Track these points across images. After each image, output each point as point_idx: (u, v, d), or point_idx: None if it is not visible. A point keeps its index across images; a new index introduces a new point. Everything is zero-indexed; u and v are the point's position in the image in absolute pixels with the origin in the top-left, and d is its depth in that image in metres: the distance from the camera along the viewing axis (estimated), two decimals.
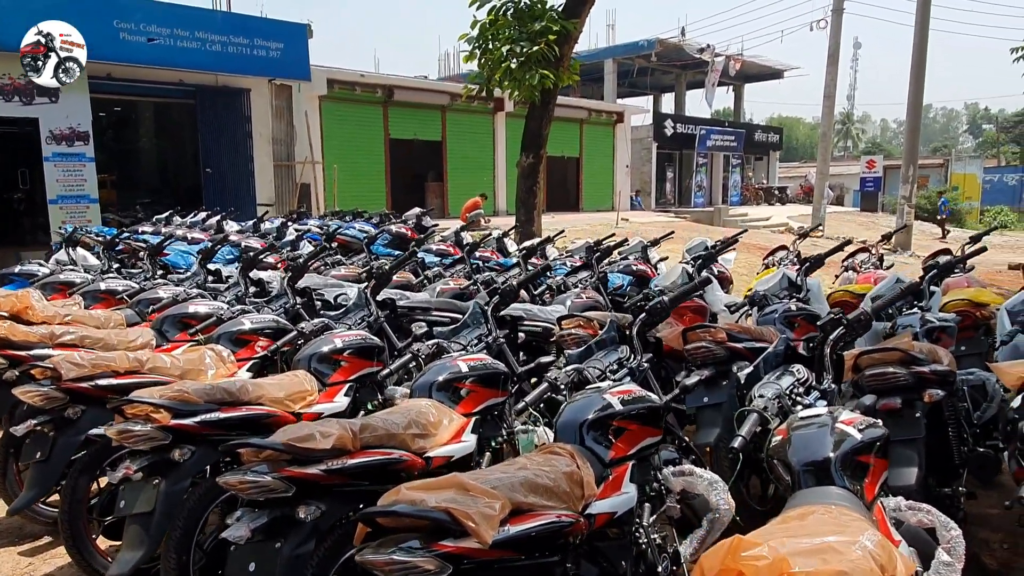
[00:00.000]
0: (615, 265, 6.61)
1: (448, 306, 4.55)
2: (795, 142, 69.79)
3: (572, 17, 10.12)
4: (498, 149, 20.64)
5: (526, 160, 10.74)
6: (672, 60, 28.87)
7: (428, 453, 2.52)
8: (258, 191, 14.44)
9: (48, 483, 3.04)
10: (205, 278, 5.41)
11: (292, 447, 2.13)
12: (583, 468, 2.16)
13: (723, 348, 3.49)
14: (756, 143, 32.50)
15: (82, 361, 3.06)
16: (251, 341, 3.74)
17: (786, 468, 2.13)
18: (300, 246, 7.72)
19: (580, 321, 3.85)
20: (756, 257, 13.32)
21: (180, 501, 2.52)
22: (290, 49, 13.71)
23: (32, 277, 5.78)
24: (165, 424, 2.55)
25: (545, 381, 2.67)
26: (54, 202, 11.36)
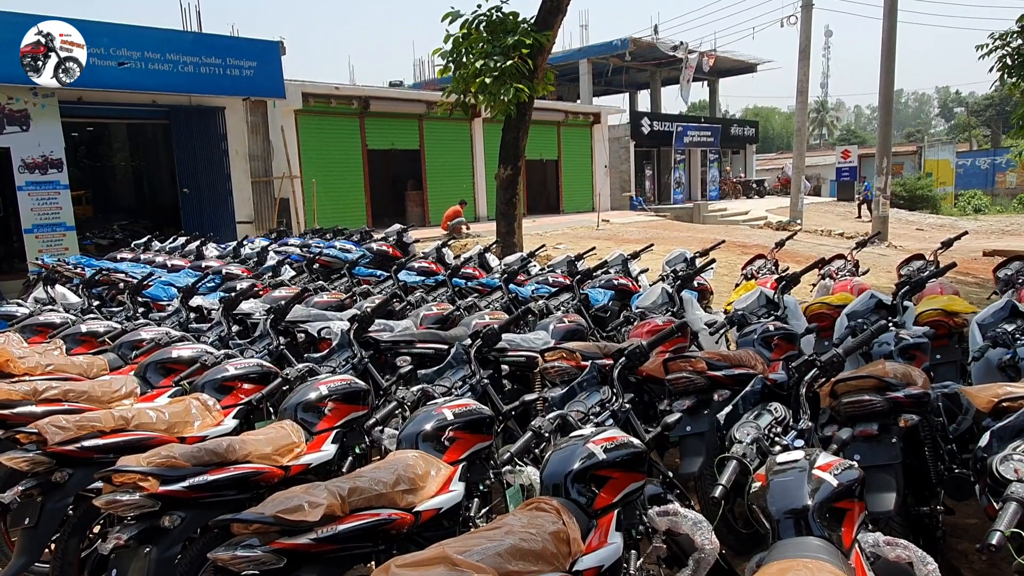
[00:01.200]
0: (596, 280, 6.67)
1: (431, 337, 4.58)
2: (771, 132, 70.40)
3: (544, 29, 10.17)
4: (476, 155, 20.68)
5: (504, 172, 10.78)
6: (646, 58, 29.05)
7: (417, 507, 2.55)
8: (237, 208, 14.37)
9: (39, 549, 3.04)
10: (187, 317, 5.40)
11: (281, 519, 2.15)
12: (569, 524, 2.20)
13: (703, 377, 3.56)
14: (732, 137, 32.77)
15: (67, 424, 3.05)
16: (236, 387, 3.75)
17: (766, 516, 2.19)
18: (282, 271, 7.72)
19: (563, 353, 3.89)
20: (736, 256, 13.46)
21: (171, 569, 2.53)
22: (263, 67, 13.65)
23: (12, 319, 5.74)
24: (154, 492, 2.56)
25: (530, 429, 2.71)
26: (29, 231, 11.26)
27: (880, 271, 11.43)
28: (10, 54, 10.62)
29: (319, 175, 16.24)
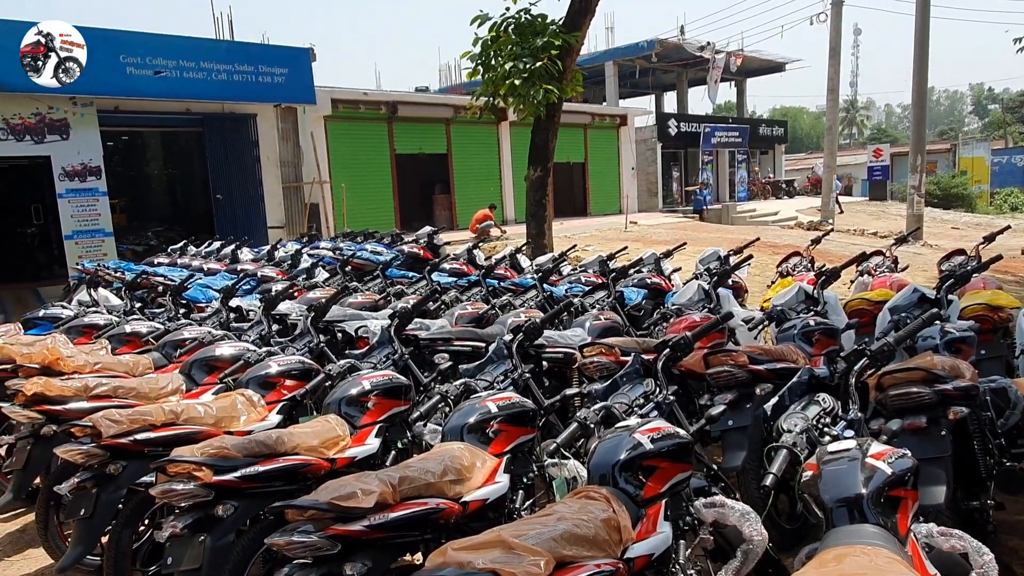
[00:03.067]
0: (629, 279, 6.65)
1: (469, 335, 4.61)
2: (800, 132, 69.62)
3: (573, 30, 10.18)
4: (503, 159, 20.73)
5: (534, 174, 10.80)
6: (673, 59, 28.90)
7: (465, 498, 2.57)
8: (268, 214, 14.57)
9: (94, 539, 3.12)
10: (228, 317, 5.49)
11: (336, 506, 2.19)
12: (619, 512, 2.21)
13: (745, 371, 3.53)
14: (761, 137, 32.46)
15: (120, 417, 3.13)
16: (279, 384, 3.81)
17: (818, 504, 2.17)
18: (315, 273, 7.81)
19: (601, 348, 3.90)
20: (768, 257, 13.31)
21: (226, 556, 2.58)
22: (294, 73, 13.84)
23: (57, 320, 5.88)
24: (207, 481, 2.61)
25: (575, 420, 2.72)
26: (69, 237, 11.53)
27: (916, 270, 11.23)
28: None
29: (348, 180, 16.41)
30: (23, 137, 10.98)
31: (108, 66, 11.52)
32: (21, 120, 10.91)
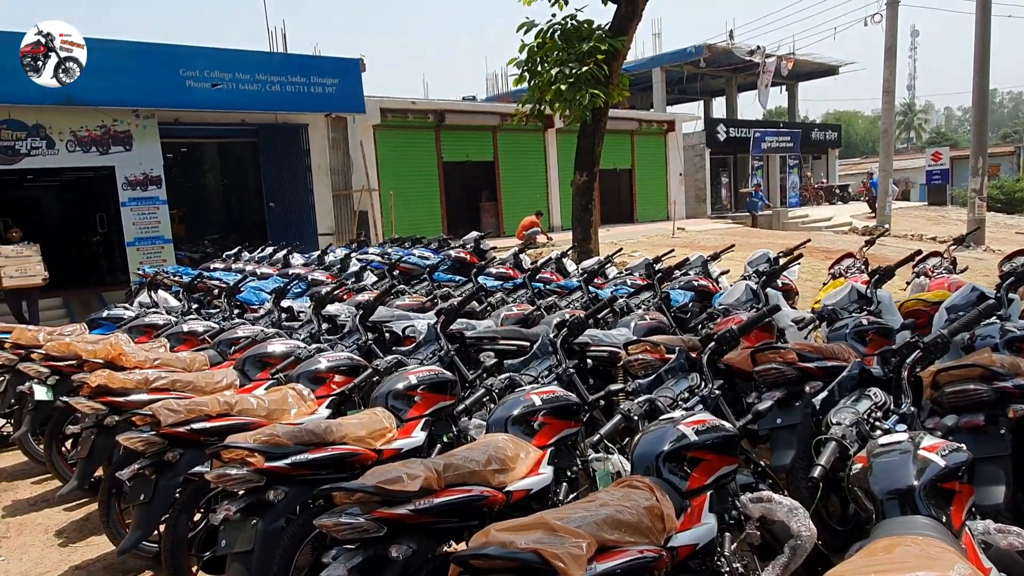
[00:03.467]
0: (676, 281, 6.60)
1: (514, 334, 4.63)
2: (855, 136, 67.93)
3: (619, 35, 10.18)
4: (550, 166, 20.77)
5: (580, 179, 10.80)
6: (721, 64, 28.55)
7: (508, 487, 2.60)
8: (319, 221, 14.89)
9: (153, 524, 3.24)
10: (279, 316, 5.64)
11: (382, 489, 2.24)
12: (663, 501, 2.20)
13: (794, 368, 3.47)
14: (813, 142, 31.77)
15: (178, 407, 3.25)
16: (328, 379, 3.90)
17: (868, 497, 2.13)
18: (364, 277, 7.95)
19: (646, 346, 3.88)
20: (820, 262, 13.02)
21: (276, 540, 2.66)
22: (344, 84, 14.14)
23: (119, 321, 6.14)
24: (259, 467, 2.69)
25: (618, 413, 2.72)
26: (131, 244, 11.98)
27: (977, 273, 10.82)
28: (114, 80, 11.41)
29: (396, 187, 16.66)
30: (89, 149, 11.47)
31: (169, 80, 11.98)
32: (88, 132, 11.41)
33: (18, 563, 3.99)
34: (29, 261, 9.94)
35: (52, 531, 4.35)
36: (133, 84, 11.60)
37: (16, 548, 4.18)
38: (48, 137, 11.04)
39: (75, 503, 4.66)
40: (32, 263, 9.95)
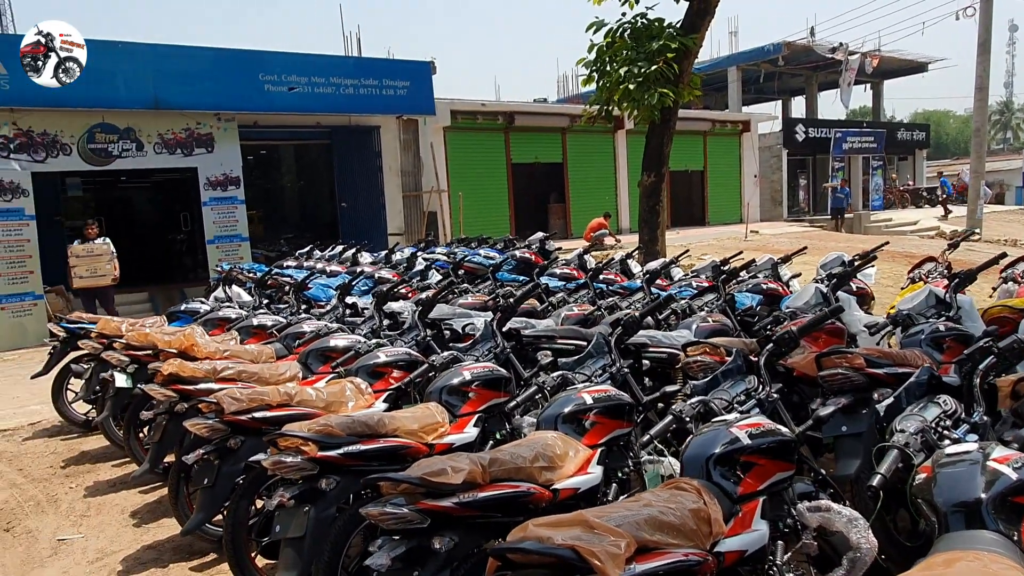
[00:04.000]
0: (744, 284, 6.42)
1: (572, 334, 4.59)
2: (944, 137, 64.66)
3: (691, 32, 9.98)
4: (619, 167, 20.58)
5: (648, 179, 10.65)
6: (801, 62, 27.67)
7: (555, 485, 2.57)
8: (389, 221, 15.19)
9: (215, 507, 3.37)
10: (343, 312, 5.78)
11: (427, 481, 2.25)
12: (710, 505, 2.14)
13: (861, 374, 3.31)
14: (899, 142, 30.41)
15: (241, 396, 3.37)
16: (386, 373, 3.97)
17: (932, 509, 2.01)
18: (429, 275, 8.06)
19: (706, 348, 3.79)
20: (902, 267, 12.44)
21: (327, 527, 2.72)
22: (416, 86, 14.39)
23: (195, 314, 6.42)
24: (313, 456, 2.76)
25: (670, 414, 2.66)
26: (211, 242, 12.51)
27: None
28: (199, 85, 11.97)
29: (465, 189, 16.84)
30: (174, 151, 12.05)
31: (249, 84, 12.47)
32: (173, 135, 11.99)
33: (95, 540, 4.22)
34: (99, 260, 10.12)
35: (128, 512, 4.58)
36: (216, 89, 12.13)
37: (95, 526, 4.42)
38: (137, 140, 11.66)
39: (149, 486, 4.89)
40: (102, 262, 10.14)
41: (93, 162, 11.44)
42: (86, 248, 10.13)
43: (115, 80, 11.24)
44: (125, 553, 4.03)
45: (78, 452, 5.77)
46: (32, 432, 6.35)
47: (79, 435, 6.14)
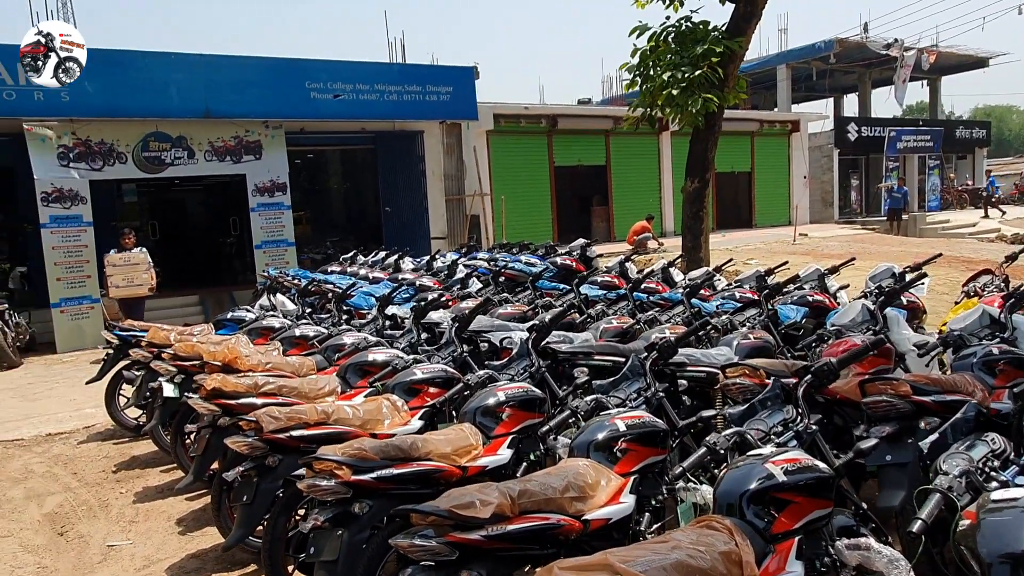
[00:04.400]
0: (789, 297, 6.28)
1: (609, 349, 4.55)
2: (1008, 133, 62.19)
3: (737, 36, 9.82)
4: (664, 169, 20.35)
5: (691, 185, 10.51)
6: (854, 59, 26.95)
7: (586, 516, 2.55)
8: (432, 225, 15.31)
9: (253, 523, 3.44)
10: (383, 324, 5.84)
11: (455, 514, 2.26)
12: (742, 546, 2.09)
13: (907, 402, 3.20)
14: (957, 140, 29.37)
15: (279, 414, 3.43)
16: (422, 390, 3.99)
17: (975, 558, 1.93)
18: (469, 283, 8.09)
19: (745, 370, 3.70)
20: (958, 273, 12.02)
21: (360, 552, 2.75)
22: (459, 91, 14.46)
23: (241, 322, 6.57)
24: (347, 479, 2.79)
25: (703, 445, 2.61)
26: (259, 247, 12.79)
27: None
28: (247, 94, 12.24)
29: (508, 192, 16.86)
30: (224, 158, 12.35)
31: (295, 92, 12.70)
32: (223, 143, 12.29)
33: (143, 547, 4.35)
34: (136, 270, 9.93)
35: (174, 519, 4.72)
36: (264, 97, 12.40)
37: (143, 533, 4.56)
38: (189, 148, 11.99)
39: (193, 494, 5.02)
40: (139, 271, 9.96)
41: (147, 170, 11.81)
42: (123, 257, 10.01)
43: (168, 90, 11.59)
44: (170, 561, 4.15)
45: (129, 457, 5.96)
46: (86, 436, 6.59)
47: (130, 439, 6.35)
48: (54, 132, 10.82)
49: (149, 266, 10.11)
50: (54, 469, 5.79)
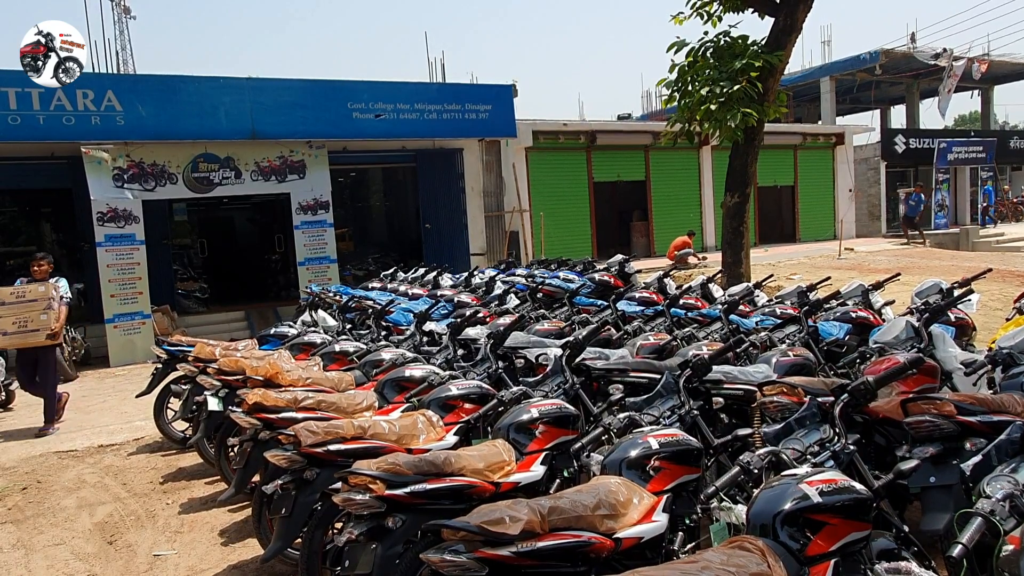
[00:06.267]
0: (831, 312, 6.16)
1: (644, 366, 4.53)
2: None
3: (776, 50, 9.74)
4: (704, 184, 20.19)
5: (731, 200, 10.41)
6: (901, 70, 26.43)
7: (618, 534, 2.54)
8: (471, 241, 15.43)
9: (291, 536, 3.50)
10: (420, 340, 5.91)
11: (484, 530, 2.28)
12: (774, 568, 2.06)
13: (951, 422, 3.12)
14: (1012, 151, 28.47)
15: (317, 429, 3.50)
16: (457, 406, 4.03)
17: None
18: (507, 300, 8.13)
19: (783, 388, 3.65)
20: (1012, 287, 11.65)
21: (393, 566, 2.78)
22: (497, 109, 14.61)
23: (284, 338, 6.72)
24: (381, 494, 2.83)
25: (737, 464, 2.59)
26: (302, 264, 13.06)
27: None
28: (292, 115, 12.56)
29: (547, 208, 16.91)
30: (269, 178, 12.68)
31: (338, 113, 12.99)
32: (269, 163, 12.63)
33: (187, 558, 4.46)
34: (31, 310, 7.20)
35: (217, 530, 4.82)
36: (307, 118, 12.70)
37: (187, 543, 4.68)
38: (236, 168, 12.34)
39: (236, 505, 5.13)
40: (35, 313, 7.20)
41: (196, 190, 12.19)
42: (16, 291, 7.30)
43: (217, 113, 11.97)
44: (213, 572, 4.24)
45: (176, 468, 6.13)
46: (136, 447, 6.79)
47: (177, 452, 6.52)
48: (109, 154, 11.26)
49: (57, 302, 7.37)
50: (105, 480, 5.98)
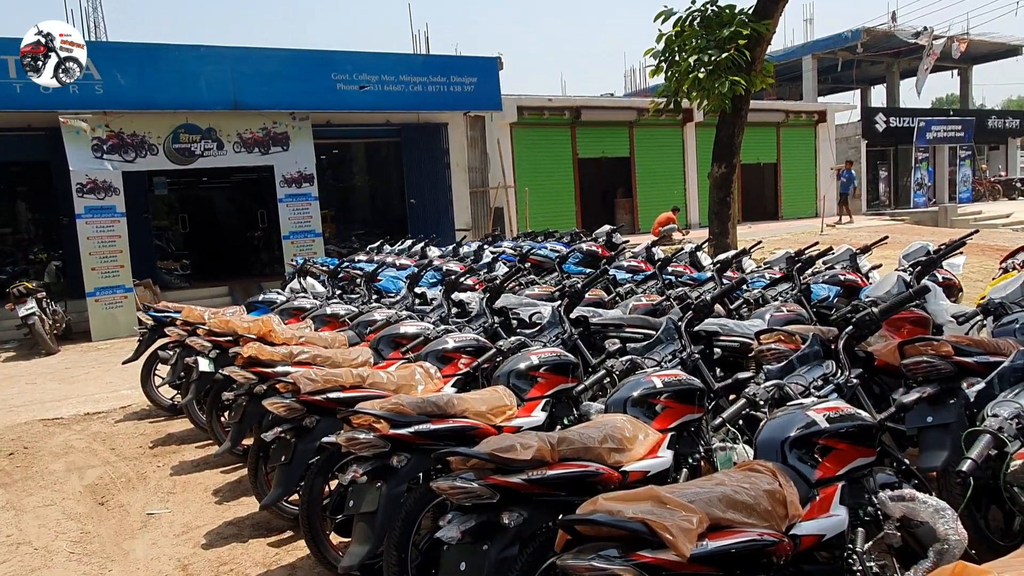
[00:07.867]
0: (820, 276, 6.21)
1: (641, 322, 4.55)
2: None
3: (764, 18, 9.74)
4: (688, 161, 20.22)
5: (718, 170, 10.43)
6: (881, 49, 26.57)
7: (624, 467, 2.55)
8: (456, 217, 15.35)
9: (291, 484, 3.48)
10: (413, 301, 5.87)
11: (496, 456, 2.27)
12: (786, 487, 2.08)
13: (949, 362, 3.15)
14: (990, 131, 28.80)
15: (316, 377, 3.47)
16: (455, 358, 4.02)
17: None
18: (496, 267, 8.10)
19: (780, 335, 3.67)
20: (992, 260, 11.80)
21: (399, 503, 2.77)
22: (483, 82, 14.47)
23: (272, 304, 6.63)
24: (385, 433, 2.82)
25: (743, 397, 2.60)
26: (287, 237, 12.92)
27: None
28: (275, 85, 12.36)
29: (532, 184, 16.87)
30: (252, 149, 12.49)
31: (321, 84, 12.80)
32: (251, 134, 12.43)
33: (181, 515, 4.42)
34: None
35: (210, 490, 4.79)
36: (291, 88, 12.51)
37: (180, 502, 4.64)
38: (218, 139, 12.13)
39: (230, 467, 5.10)
40: None
41: (178, 161, 11.98)
42: None
43: (198, 82, 11.75)
44: (208, 528, 4.21)
45: (165, 434, 6.07)
46: (123, 415, 6.71)
47: (166, 418, 6.45)
48: (88, 124, 11.02)
49: None
50: (93, 445, 5.91)
